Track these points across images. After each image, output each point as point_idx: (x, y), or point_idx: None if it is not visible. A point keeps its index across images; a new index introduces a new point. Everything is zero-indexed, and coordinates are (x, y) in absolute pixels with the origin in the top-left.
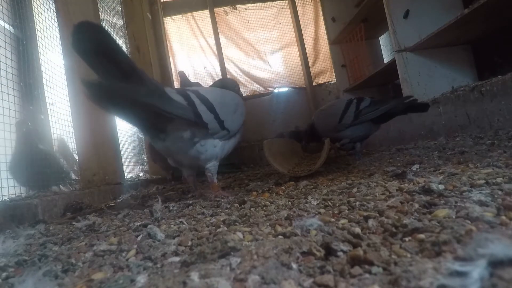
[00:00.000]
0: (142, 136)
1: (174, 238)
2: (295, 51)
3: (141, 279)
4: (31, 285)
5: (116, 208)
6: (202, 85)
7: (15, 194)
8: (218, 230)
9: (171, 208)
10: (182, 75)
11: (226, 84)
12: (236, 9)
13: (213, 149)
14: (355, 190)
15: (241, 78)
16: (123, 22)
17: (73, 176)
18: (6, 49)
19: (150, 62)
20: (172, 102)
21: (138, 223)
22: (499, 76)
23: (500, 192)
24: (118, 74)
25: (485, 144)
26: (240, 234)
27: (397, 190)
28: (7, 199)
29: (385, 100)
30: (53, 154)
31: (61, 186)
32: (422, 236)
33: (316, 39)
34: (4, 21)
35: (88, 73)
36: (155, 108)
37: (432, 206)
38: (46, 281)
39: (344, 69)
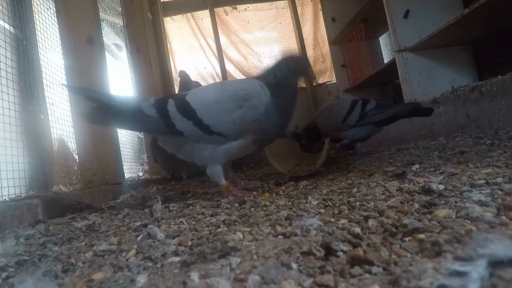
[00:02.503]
0: (142, 136)
1: (174, 238)
2: (295, 51)
3: (141, 279)
4: (31, 285)
5: (116, 208)
6: (202, 84)
7: (15, 194)
8: (218, 230)
9: (171, 208)
10: (182, 74)
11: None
12: (236, 9)
13: (204, 152)
14: (355, 190)
15: (241, 78)
16: (123, 22)
17: None
18: (6, 49)
19: (150, 62)
20: (143, 119)
21: (138, 223)
22: (499, 76)
23: (500, 192)
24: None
25: (485, 144)
26: (240, 234)
27: (397, 190)
28: (7, 199)
29: (391, 104)
30: None
31: (61, 186)
32: (422, 236)
33: (316, 39)
34: (4, 21)
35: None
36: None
37: (432, 206)
38: (46, 281)
39: (344, 69)
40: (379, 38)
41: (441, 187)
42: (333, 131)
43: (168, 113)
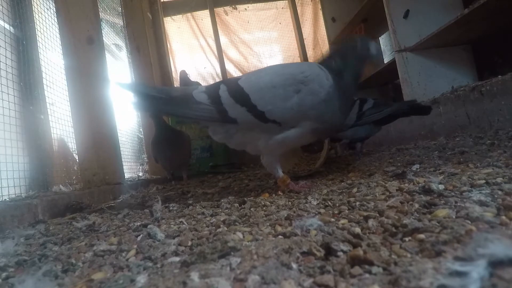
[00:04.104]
0: (142, 136)
1: (174, 238)
2: (295, 51)
3: (141, 279)
4: (31, 285)
5: (116, 208)
6: (202, 85)
7: (15, 194)
8: (218, 230)
9: (171, 208)
10: (183, 74)
11: None
12: (236, 9)
13: (257, 141)
14: (355, 190)
15: None
16: (123, 22)
17: None
18: (6, 49)
19: (150, 62)
20: (194, 106)
21: (138, 223)
22: (499, 76)
23: (500, 192)
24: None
25: (485, 144)
26: (240, 234)
27: (397, 190)
28: (7, 199)
29: (388, 102)
30: None
31: (61, 186)
32: (422, 236)
33: (316, 39)
34: (4, 21)
35: None
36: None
37: (432, 206)
38: (46, 281)
39: None
40: (379, 38)
41: (441, 187)
42: None
43: (220, 99)
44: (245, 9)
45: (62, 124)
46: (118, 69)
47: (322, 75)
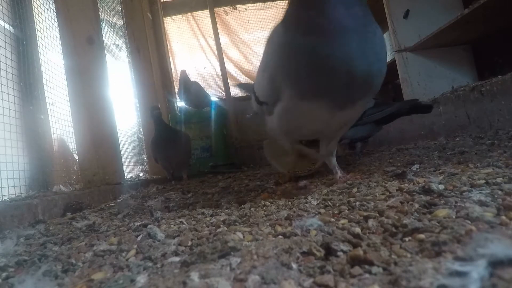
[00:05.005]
0: (142, 136)
1: (174, 238)
2: None
3: (141, 279)
4: (31, 285)
5: (116, 208)
6: (201, 84)
7: (15, 194)
8: (218, 230)
9: (171, 208)
10: (183, 74)
11: None
12: (236, 9)
13: (268, 125)
14: (355, 190)
15: (241, 78)
16: (123, 22)
17: None
18: (6, 49)
19: (150, 62)
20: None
21: (138, 223)
22: (499, 76)
23: (500, 192)
24: None
25: (485, 144)
26: (240, 234)
27: (397, 190)
28: (7, 199)
29: (390, 102)
30: None
31: (61, 186)
32: (422, 236)
33: None
34: (4, 21)
35: None
36: None
37: (432, 206)
38: (46, 281)
39: None
40: None
41: (441, 187)
42: None
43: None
44: (245, 9)
45: (62, 124)
46: (118, 69)
47: (273, 35)
